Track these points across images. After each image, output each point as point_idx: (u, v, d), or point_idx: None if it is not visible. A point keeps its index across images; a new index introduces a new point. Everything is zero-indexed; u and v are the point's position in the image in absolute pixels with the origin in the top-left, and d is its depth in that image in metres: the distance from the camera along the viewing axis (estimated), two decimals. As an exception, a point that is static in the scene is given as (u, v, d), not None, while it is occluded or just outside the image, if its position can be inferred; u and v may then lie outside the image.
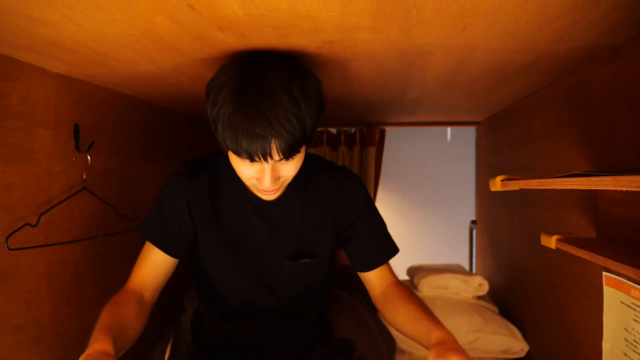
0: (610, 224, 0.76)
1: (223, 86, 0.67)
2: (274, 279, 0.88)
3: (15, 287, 0.81)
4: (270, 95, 0.64)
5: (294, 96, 0.66)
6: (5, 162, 0.78)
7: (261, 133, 0.63)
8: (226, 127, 0.65)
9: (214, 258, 0.87)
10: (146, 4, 0.55)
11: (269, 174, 0.70)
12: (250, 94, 0.64)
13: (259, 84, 0.65)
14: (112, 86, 1.05)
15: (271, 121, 0.63)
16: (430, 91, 1.13)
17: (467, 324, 1.29)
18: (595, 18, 0.61)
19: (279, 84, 0.65)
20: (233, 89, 0.65)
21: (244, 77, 0.66)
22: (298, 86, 0.67)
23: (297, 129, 0.66)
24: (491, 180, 0.79)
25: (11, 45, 0.72)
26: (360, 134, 1.95)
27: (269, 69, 0.67)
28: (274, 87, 0.65)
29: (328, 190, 0.88)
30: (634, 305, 0.68)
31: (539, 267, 1.13)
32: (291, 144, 0.66)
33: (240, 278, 0.88)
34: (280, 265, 0.87)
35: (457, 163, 3.04)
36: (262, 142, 0.64)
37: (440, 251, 3.12)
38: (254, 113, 0.63)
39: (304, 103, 0.67)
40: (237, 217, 0.85)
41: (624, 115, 0.73)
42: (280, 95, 0.64)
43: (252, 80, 0.65)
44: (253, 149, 0.64)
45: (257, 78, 0.66)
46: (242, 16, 0.59)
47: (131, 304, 0.78)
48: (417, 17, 0.59)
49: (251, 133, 0.63)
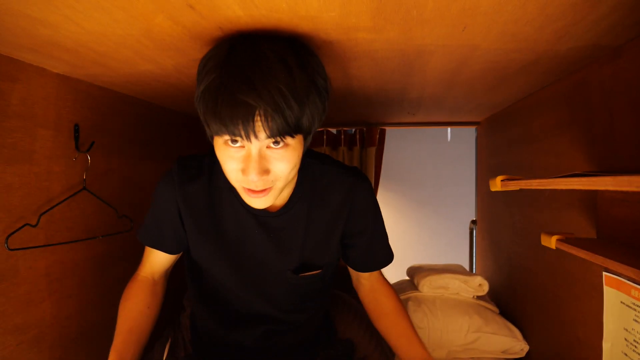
0: (610, 224, 0.76)
1: (208, 59, 0.60)
2: (277, 291, 0.85)
3: (15, 287, 0.81)
4: (259, 61, 0.55)
5: (288, 66, 0.56)
6: (5, 162, 0.78)
7: (244, 99, 0.54)
8: (206, 98, 0.56)
9: (210, 268, 0.84)
10: (146, 4, 0.55)
11: (255, 161, 0.59)
12: (236, 61, 0.56)
13: (248, 52, 0.56)
14: (113, 86, 1.05)
15: (257, 87, 0.54)
16: (431, 91, 1.13)
17: (467, 324, 1.29)
18: (595, 18, 0.61)
19: (271, 52, 0.56)
20: (218, 58, 0.58)
21: (232, 47, 0.58)
22: (295, 59, 0.58)
23: (290, 106, 0.56)
24: (491, 181, 0.79)
25: (11, 45, 0.72)
26: (360, 134, 1.95)
27: (261, 39, 0.58)
28: (265, 54, 0.56)
29: (339, 195, 0.81)
30: (634, 305, 0.68)
31: (539, 267, 1.13)
32: (281, 123, 0.56)
33: (239, 289, 0.85)
34: (283, 278, 0.83)
35: (457, 163, 3.04)
36: (244, 111, 0.54)
37: (440, 251, 3.12)
38: (238, 78, 0.54)
39: (301, 78, 0.57)
40: (236, 226, 0.80)
41: (625, 116, 0.73)
42: (272, 62, 0.55)
43: (240, 48, 0.57)
44: (234, 119, 0.54)
45: (246, 47, 0.57)
46: (243, 16, 0.59)
47: (143, 295, 0.84)
48: (417, 17, 0.59)
49: (232, 99, 0.54)
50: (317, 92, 0.61)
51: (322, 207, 0.81)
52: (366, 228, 0.86)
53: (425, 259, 2.87)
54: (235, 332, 0.90)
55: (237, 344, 0.91)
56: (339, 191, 0.81)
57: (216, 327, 0.92)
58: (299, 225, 0.80)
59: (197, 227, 0.80)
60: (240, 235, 0.80)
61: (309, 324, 0.95)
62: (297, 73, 0.57)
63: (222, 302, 0.89)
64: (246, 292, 0.85)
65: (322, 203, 0.81)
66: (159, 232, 0.83)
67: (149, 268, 0.87)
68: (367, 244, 0.88)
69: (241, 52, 0.56)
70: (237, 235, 0.80)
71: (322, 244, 0.83)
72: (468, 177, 2.88)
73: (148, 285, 0.86)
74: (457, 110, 1.49)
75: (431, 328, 1.29)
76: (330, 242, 0.84)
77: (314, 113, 0.61)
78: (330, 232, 0.83)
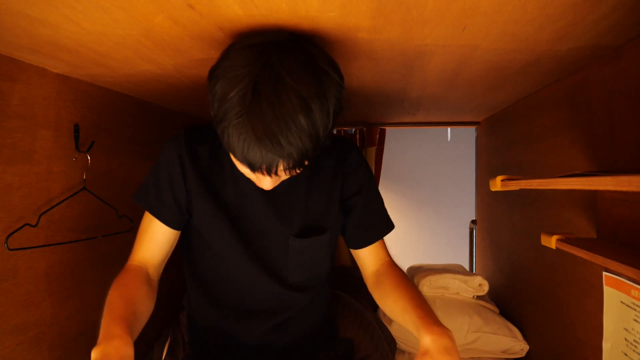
0: (610, 224, 0.76)
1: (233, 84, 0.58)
2: (279, 259, 0.84)
3: (15, 287, 0.81)
4: (285, 113, 0.56)
5: (311, 115, 0.58)
6: (5, 162, 0.78)
7: (269, 154, 0.58)
8: (231, 136, 0.58)
9: (211, 233, 0.81)
10: (146, 4, 0.55)
11: (270, 182, 0.67)
12: (262, 107, 0.56)
13: (273, 95, 0.56)
14: (113, 86, 1.05)
15: (282, 143, 0.57)
16: (431, 91, 1.13)
17: (467, 324, 1.29)
18: (595, 18, 0.61)
19: (297, 99, 0.57)
20: (243, 92, 0.57)
21: (257, 80, 0.57)
22: (318, 101, 0.59)
23: (309, 148, 0.59)
24: (491, 181, 0.79)
25: (11, 45, 0.72)
26: (361, 134, 1.95)
27: (288, 74, 0.57)
28: (290, 102, 0.56)
29: (332, 162, 0.85)
30: (634, 305, 0.68)
31: (539, 267, 1.13)
32: (300, 162, 0.61)
33: (240, 258, 0.82)
34: (285, 243, 0.82)
35: (457, 163, 3.04)
36: (268, 162, 0.58)
37: (440, 251, 3.12)
38: (264, 132, 0.56)
39: (321, 119, 0.59)
40: (238, 192, 0.80)
41: (625, 116, 0.73)
42: (297, 114, 0.57)
43: (266, 86, 0.56)
44: (257, 165, 0.59)
45: (272, 86, 0.56)
46: (243, 16, 0.59)
47: (140, 284, 0.75)
48: (418, 17, 0.59)
49: (258, 151, 0.57)
50: (334, 118, 0.63)
51: (319, 172, 0.84)
52: (359, 189, 0.86)
53: (425, 259, 2.86)
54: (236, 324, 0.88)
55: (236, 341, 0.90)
56: (333, 158, 0.85)
57: (215, 318, 0.89)
58: (299, 189, 0.82)
59: (201, 188, 0.79)
60: (241, 200, 0.81)
61: (310, 311, 0.93)
62: (318, 116, 0.59)
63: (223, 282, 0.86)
64: (248, 264, 0.82)
65: (318, 169, 0.84)
66: (158, 197, 0.80)
67: (142, 256, 0.81)
68: (362, 206, 0.86)
69: (265, 96, 0.56)
70: (238, 201, 0.81)
71: (323, 207, 0.84)
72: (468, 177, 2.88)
73: (144, 275, 0.78)
74: (457, 110, 1.49)
75: (431, 328, 1.29)
76: (331, 205, 0.85)
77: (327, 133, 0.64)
78: (329, 195, 0.85)
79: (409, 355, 1.31)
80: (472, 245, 2.03)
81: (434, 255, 3.11)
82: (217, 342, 0.93)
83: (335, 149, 0.86)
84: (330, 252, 0.90)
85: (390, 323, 1.31)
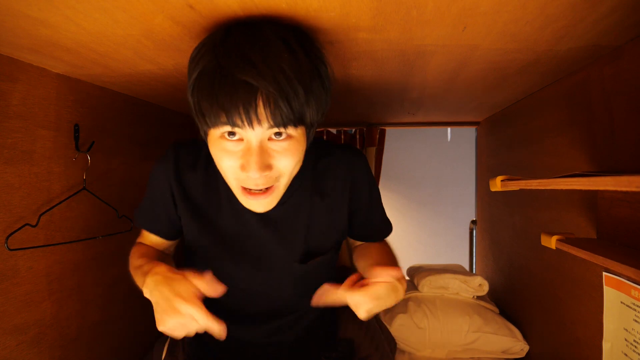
0: (610, 224, 0.76)
1: (202, 46, 0.54)
2: (283, 283, 0.82)
3: (15, 287, 0.81)
4: (259, 40, 0.50)
5: (291, 47, 0.52)
6: (5, 163, 0.78)
7: (245, 79, 0.49)
8: (201, 83, 0.51)
9: (210, 262, 0.80)
10: (146, 5, 0.55)
11: (257, 154, 0.55)
12: (234, 41, 0.51)
13: (247, 33, 0.51)
14: (113, 86, 1.05)
15: (258, 65, 0.49)
16: (431, 91, 1.13)
17: (467, 324, 1.29)
18: (595, 18, 0.61)
19: (272, 33, 0.51)
20: (213, 42, 0.52)
21: (227, 30, 0.52)
22: (297, 42, 0.53)
23: (295, 90, 0.51)
24: (491, 181, 0.79)
25: (12, 45, 0.72)
26: (361, 134, 1.95)
27: (260, 22, 0.53)
28: (265, 34, 0.51)
29: (340, 173, 0.79)
30: (634, 306, 0.68)
31: (539, 268, 1.13)
32: (286, 109, 0.51)
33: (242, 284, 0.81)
34: (289, 270, 0.80)
35: (457, 163, 3.04)
36: (245, 92, 0.49)
37: (440, 251, 3.12)
38: (237, 57, 0.49)
39: (305, 61, 0.53)
40: (235, 220, 0.76)
41: (625, 116, 0.73)
42: (273, 42, 0.50)
43: (238, 31, 0.52)
44: (234, 101, 0.50)
45: (245, 29, 0.52)
46: (243, 16, 0.59)
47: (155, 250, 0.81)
48: (418, 17, 0.59)
49: (232, 80, 0.49)
50: (321, 80, 0.57)
51: (323, 192, 0.78)
52: (363, 201, 0.85)
53: (425, 259, 2.87)
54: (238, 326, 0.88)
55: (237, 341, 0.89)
56: (339, 172, 0.79)
57: None
58: (300, 214, 0.76)
59: (194, 218, 0.76)
60: (239, 229, 0.76)
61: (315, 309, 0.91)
62: (300, 55, 0.52)
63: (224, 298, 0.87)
64: (247, 291, 0.83)
65: (322, 188, 0.78)
66: (154, 216, 0.81)
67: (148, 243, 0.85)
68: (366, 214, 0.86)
69: (239, 34, 0.51)
70: (235, 229, 0.76)
71: (327, 229, 0.80)
72: (468, 177, 2.88)
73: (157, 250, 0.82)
74: (457, 110, 1.49)
75: (431, 328, 1.29)
76: (336, 224, 0.81)
77: (318, 103, 0.57)
78: (335, 215, 0.80)
79: (409, 355, 1.31)
80: (472, 246, 2.03)
81: (434, 255, 3.11)
82: (217, 342, 0.93)
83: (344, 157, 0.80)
84: (334, 263, 0.90)
85: (390, 323, 1.31)
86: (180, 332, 0.57)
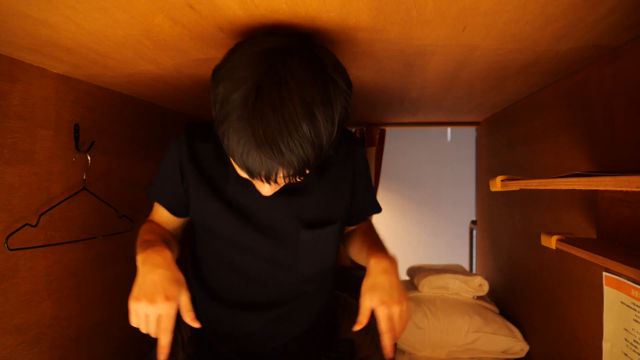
0: (610, 224, 0.76)
1: (236, 86, 0.56)
2: (289, 253, 0.83)
3: (15, 287, 0.81)
4: (287, 119, 0.54)
5: (315, 122, 0.56)
6: (5, 163, 0.78)
7: (269, 161, 0.56)
8: (231, 139, 0.57)
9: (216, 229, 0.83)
10: (146, 5, 0.55)
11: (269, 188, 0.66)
12: (264, 111, 0.54)
13: (276, 100, 0.54)
14: (113, 86, 1.05)
15: (283, 151, 0.55)
16: (431, 91, 1.13)
17: (467, 324, 1.29)
18: (595, 18, 0.61)
19: (301, 105, 0.55)
20: (245, 95, 0.55)
21: (261, 84, 0.55)
22: (323, 108, 0.57)
23: (311, 156, 0.57)
24: (491, 181, 0.79)
25: (12, 45, 0.72)
26: (361, 134, 1.95)
27: (293, 79, 0.55)
28: (294, 108, 0.54)
29: (342, 154, 0.86)
30: (634, 306, 0.68)
31: (539, 267, 1.13)
32: (301, 171, 0.59)
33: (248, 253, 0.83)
34: (296, 236, 0.82)
35: (457, 163, 3.04)
36: (267, 169, 0.57)
37: (440, 251, 3.13)
38: (265, 137, 0.54)
39: (326, 127, 0.57)
40: (243, 187, 0.79)
41: (625, 116, 0.73)
42: (300, 121, 0.55)
43: (270, 90, 0.54)
44: (256, 171, 0.57)
45: (276, 90, 0.54)
46: (243, 17, 0.59)
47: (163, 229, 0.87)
48: (418, 17, 0.59)
49: (257, 158, 0.56)
50: (339, 127, 0.61)
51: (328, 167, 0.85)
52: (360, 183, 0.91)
53: (425, 259, 2.87)
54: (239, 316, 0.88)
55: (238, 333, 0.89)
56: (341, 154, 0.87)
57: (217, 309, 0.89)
58: (308, 184, 0.82)
59: (201, 187, 0.81)
60: (247, 197, 0.80)
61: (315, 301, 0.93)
62: (323, 125, 0.57)
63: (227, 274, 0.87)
64: (257, 259, 0.83)
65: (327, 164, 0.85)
66: (163, 189, 0.87)
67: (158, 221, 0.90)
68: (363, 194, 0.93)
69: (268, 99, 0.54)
70: (243, 197, 0.80)
71: (333, 200, 0.86)
72: (468, 177, 2.88)
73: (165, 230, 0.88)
74: (457, 110, 1.49)
75: (431, 328, 1.29)
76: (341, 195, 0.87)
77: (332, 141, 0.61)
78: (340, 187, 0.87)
79: (409, 356, 1.31)
80: (472, 246, 2.03)
81: (434, 255, 3.11)
82: (217, 334, 0.93)
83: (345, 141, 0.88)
84: (338, 243, 0.92)
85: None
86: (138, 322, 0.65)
